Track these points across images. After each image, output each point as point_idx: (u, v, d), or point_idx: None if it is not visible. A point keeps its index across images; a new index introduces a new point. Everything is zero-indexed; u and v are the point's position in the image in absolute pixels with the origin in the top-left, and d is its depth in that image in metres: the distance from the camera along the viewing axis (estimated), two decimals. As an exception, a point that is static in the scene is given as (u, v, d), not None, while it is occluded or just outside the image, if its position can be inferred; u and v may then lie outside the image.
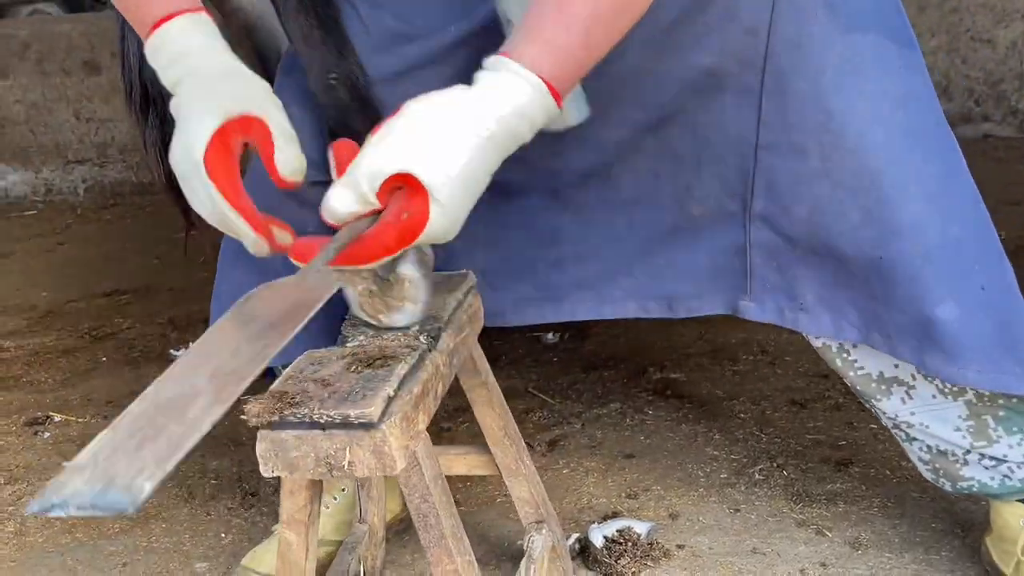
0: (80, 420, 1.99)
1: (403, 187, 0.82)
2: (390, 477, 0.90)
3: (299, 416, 0.81)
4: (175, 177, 0.88)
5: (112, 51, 3.56)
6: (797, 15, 1.05)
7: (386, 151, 0.81)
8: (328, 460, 0.81)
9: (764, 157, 1.10)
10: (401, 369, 0.87)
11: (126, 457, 0.64)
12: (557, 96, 0.82)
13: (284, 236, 0.90)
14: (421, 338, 0.95)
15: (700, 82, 1.09)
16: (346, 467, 0.80)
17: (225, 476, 1.71)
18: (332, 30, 1.08)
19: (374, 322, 0.97)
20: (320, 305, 0.74)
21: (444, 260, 1.10)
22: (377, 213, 0.84)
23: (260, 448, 0.83)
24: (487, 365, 1.15)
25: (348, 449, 0.80)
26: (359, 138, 0.92)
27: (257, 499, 1.63)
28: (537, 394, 1.91)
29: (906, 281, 1.08)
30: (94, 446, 0.66)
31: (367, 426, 0.80)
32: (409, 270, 0.94)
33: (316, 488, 0.93)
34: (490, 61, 0.83)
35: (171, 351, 2.28)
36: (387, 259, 0.86)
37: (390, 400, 0.83)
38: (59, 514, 0.61)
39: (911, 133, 1.07)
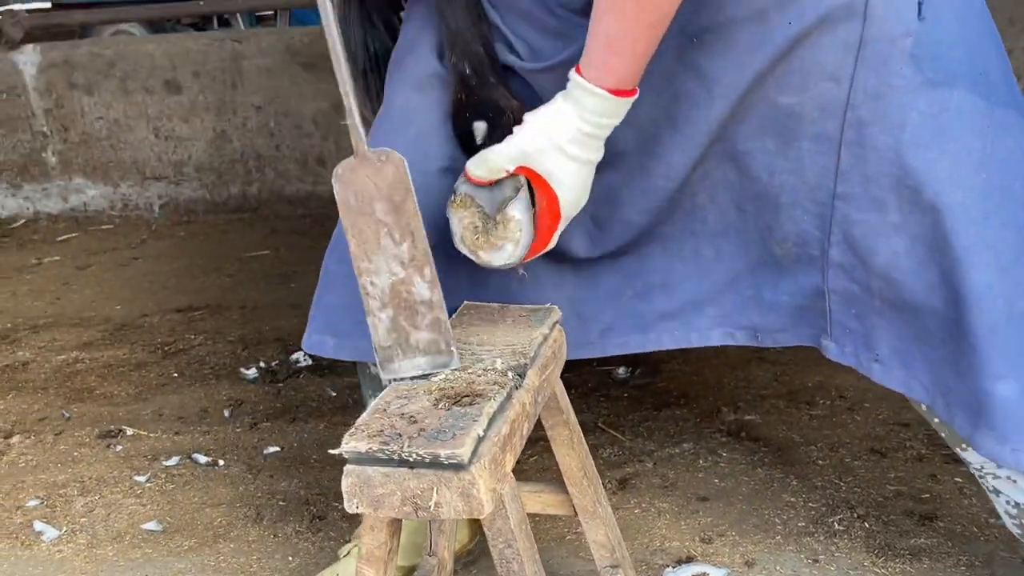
0: (152, 435, 2.01)
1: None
2: (473, 517, 0.89)
3: (387, 453, 0.80)
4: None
5: (193, 71, 3.65)
6: (880, 66, 1.03)
7: (515, 147, 1.04)
8: (415, 500, 0.79)
9: (841, 207, 1.09)
10: (490, 408, 0.85)
11: (406, 330, 0.94)
12: (621, 93, 1.02)
13: None
14: (509, 374, 0.93)
15: (779, 122, 1.08)
16: (432, 508, 0.79)
17: (293, 499, 1.71)
18: (476, 22, 1.18)
19: (472, 257, 1.06)
20: (410, 182, 0.92)
21: (534, 288, 1.11)
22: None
23: (345, 484, 0.82)
24: (568, 402, 1.13)
25: (436, 490, 0.78)
26: (478, 108, 1.15)
27: (324, 523, 1.63)
28: (607, 430, 1.88)
29: (971, 349, 1.04)
30: (377, 333, 0.95)
31: (456, 467, 0.79)
32: (518, 211, 1.04)
33: (396, 525, 0.91)
34: (571, 76, 1.03)
35: (241, 369, 2.30)
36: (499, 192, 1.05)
37: (479, 440, 0.82)
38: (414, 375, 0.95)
39: (991, 197, 1.04)
